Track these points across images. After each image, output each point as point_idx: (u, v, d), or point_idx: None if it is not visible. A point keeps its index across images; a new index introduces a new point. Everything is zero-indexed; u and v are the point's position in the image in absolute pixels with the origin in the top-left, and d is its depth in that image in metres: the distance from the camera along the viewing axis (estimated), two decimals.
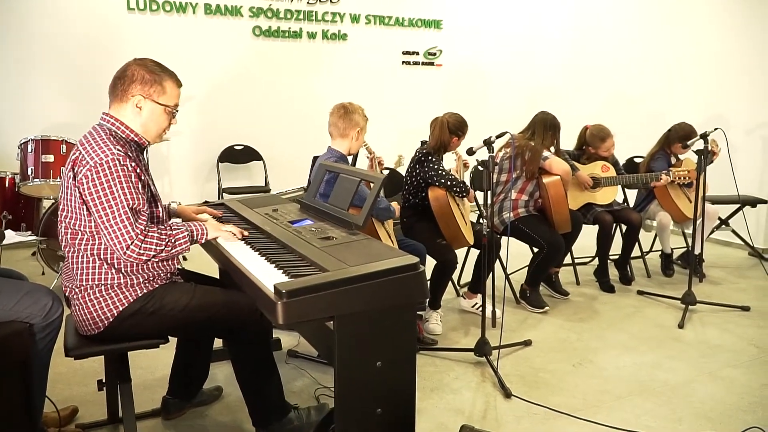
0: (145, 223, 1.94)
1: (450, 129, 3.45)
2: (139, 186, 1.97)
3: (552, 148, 3.82)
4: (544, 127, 3.77)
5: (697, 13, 5.75)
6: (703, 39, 5.67)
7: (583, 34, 6.92)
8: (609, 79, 6.60)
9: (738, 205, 4.83)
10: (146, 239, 1.91)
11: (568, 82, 7.02)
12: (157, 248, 1.94)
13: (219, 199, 5.14)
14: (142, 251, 1.91)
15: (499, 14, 7.05)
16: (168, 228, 2.02)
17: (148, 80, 2.05)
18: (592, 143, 4.25)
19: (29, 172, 3.86)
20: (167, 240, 1.96)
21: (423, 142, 3.60)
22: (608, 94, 6.55)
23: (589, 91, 6.77)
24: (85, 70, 5.25)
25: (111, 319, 2.00)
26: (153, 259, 1.95)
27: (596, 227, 4.19)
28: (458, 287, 4.09)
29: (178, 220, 2.46)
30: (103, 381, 2.34)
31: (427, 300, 3.38)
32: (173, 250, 1.99)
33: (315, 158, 3.35)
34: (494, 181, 3.73)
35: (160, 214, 2.12)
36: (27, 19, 5.12)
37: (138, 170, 1.98)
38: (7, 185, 3.93)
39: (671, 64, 5.98)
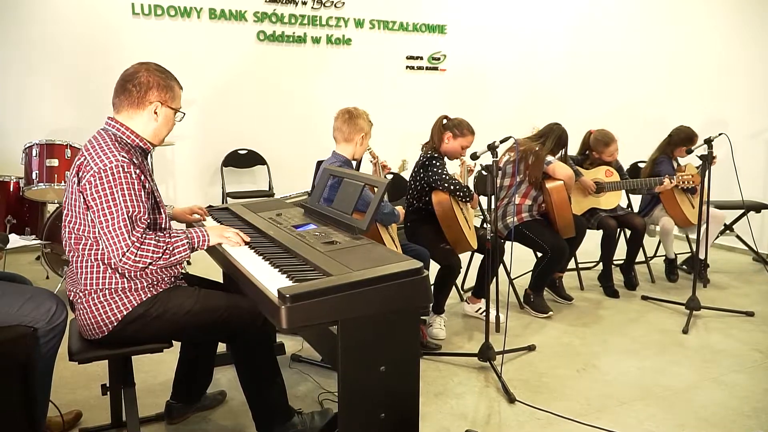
0: (141, 231, 1.93)
1: (444, 125, 3.47)
2: (143, 193, 1.97)
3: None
4: (558, 139, 3.77)
5: (700, 17, 5.74)
6: (706, 42, 5.67)
7: (586, 40, 6.92)
8: (612, 84, 6.59)
9: (742, 210, 4.82)
10: (142, 247, 1.91)
11: (571, 87, 7.01)
12: (154, 256, 1.93)
13: (223, 203, 5.15)
14: (138, 259, 1.90)
15: (503, 19, 7.06)
16: (167, 235, 2.01)
17: (162, 86, 2.06)
18: (596, 148, 4.25)
19: (34, 177, 3.87)
20: (165, 248, 1.96)
21: None
22: (611, 98, 6.54)
23: (593, 96, 6.76)
24: (90, 75, 5.27)
25: (115, 324, 2.00)
26: (150, 267, 1.94)
27: (600, 232, 4.18)
28: (462, 292, 4.09)
29: (183, 225, 2.47)
30: (107, 385, 2.34)
31: (431, 305, 3.39)
32: (171, 258, 1.98)
33: (319, 163, 3.36)
34: (498, 185, 3.74)
35: (163, 221, 2.12)
36: (31, 23, 5.15)
37: (142, 176, 1.99)
38: (11, 189, 3.94)
39: (674, 68, 5.98)
